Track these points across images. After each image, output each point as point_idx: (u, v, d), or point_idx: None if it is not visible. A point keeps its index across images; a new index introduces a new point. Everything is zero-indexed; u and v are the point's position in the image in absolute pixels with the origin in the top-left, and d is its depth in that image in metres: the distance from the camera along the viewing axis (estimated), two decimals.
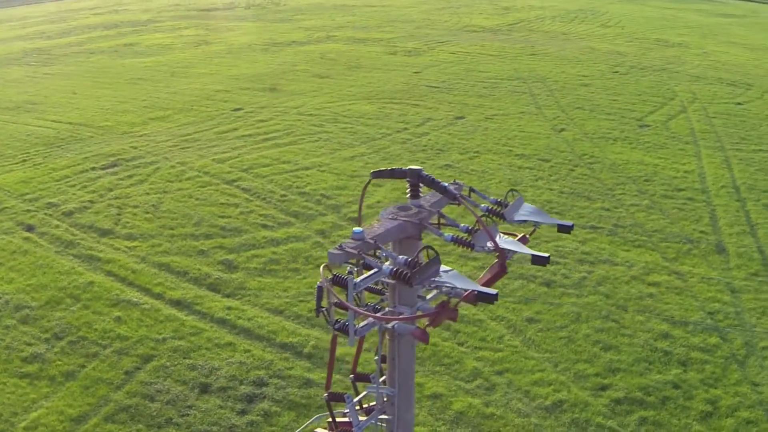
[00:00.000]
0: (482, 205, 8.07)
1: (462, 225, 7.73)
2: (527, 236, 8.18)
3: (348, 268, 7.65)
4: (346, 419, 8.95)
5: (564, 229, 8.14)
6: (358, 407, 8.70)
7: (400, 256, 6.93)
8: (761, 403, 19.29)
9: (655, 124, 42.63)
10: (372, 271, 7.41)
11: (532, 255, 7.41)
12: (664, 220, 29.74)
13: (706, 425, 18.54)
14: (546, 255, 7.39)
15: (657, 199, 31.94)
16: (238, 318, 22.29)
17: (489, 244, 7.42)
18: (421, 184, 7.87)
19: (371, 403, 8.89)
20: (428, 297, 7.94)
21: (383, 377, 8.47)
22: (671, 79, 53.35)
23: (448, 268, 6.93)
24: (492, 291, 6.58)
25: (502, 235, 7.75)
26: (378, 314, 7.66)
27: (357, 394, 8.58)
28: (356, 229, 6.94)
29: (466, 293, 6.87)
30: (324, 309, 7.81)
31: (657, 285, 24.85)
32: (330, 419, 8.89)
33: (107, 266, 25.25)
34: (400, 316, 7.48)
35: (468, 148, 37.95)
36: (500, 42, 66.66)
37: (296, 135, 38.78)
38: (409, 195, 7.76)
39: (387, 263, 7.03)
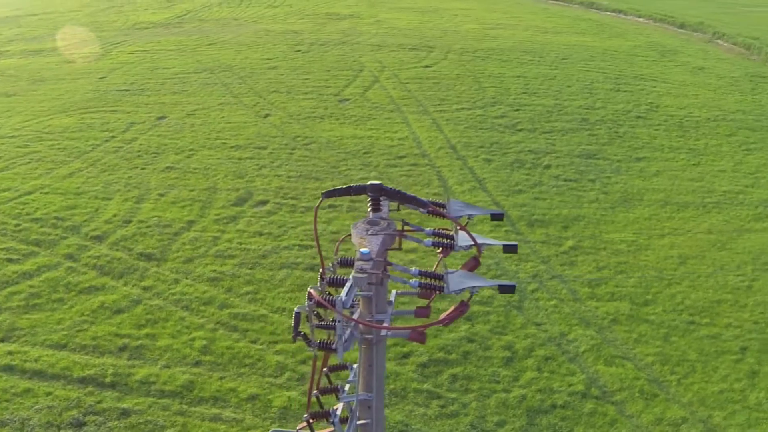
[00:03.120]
0: (420, 209, 8.57)
1: (427, 229, 8.24)
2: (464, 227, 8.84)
3: (309, 287, 7.94)
4: None
5: (496, 217, 8.86)
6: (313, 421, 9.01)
7: (413, 269, 7.36)
8: (551, 339, 21.18)
9: (354, 97, 44.30)
10: (348, 286, 7.78)
11: (503, 245, 8.08)
12: (396, 188, 31.16)
13: (512, 369, 20.13)
14: (515, 243, 8.09)
15: (382, 169, 33.46)
16: (24, 361, 21.13)
17: (463, 243, 7.98)
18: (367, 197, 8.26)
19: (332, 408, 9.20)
20: (390, 299, 8.44)
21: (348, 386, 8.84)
22: (354, 51, 55.40)
23: (453, 269, 7.44)
24: (511, 283, 7.20)
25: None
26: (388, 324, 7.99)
27: (322, 408, 8.85)
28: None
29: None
30: (302, 334, 8.06)
31: (414, 251, 26.23)
32: None
33: None
34: (418, 324, 7.89)
35: (182, 147, 37.63)
36: (175, 36, 65.93)
37: (5, 160, 36.64)
38: (371, 209, 8.11)
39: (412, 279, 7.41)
